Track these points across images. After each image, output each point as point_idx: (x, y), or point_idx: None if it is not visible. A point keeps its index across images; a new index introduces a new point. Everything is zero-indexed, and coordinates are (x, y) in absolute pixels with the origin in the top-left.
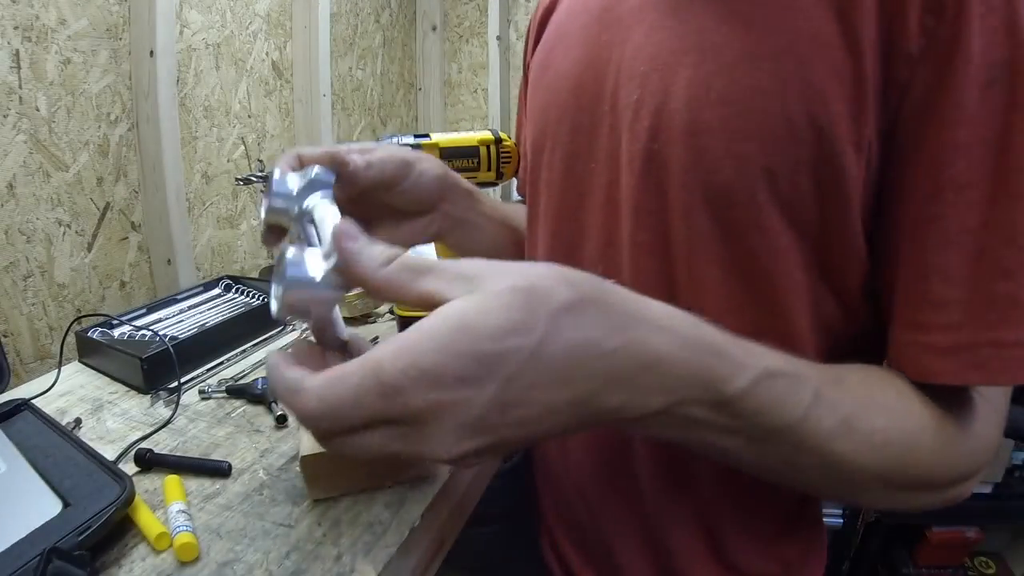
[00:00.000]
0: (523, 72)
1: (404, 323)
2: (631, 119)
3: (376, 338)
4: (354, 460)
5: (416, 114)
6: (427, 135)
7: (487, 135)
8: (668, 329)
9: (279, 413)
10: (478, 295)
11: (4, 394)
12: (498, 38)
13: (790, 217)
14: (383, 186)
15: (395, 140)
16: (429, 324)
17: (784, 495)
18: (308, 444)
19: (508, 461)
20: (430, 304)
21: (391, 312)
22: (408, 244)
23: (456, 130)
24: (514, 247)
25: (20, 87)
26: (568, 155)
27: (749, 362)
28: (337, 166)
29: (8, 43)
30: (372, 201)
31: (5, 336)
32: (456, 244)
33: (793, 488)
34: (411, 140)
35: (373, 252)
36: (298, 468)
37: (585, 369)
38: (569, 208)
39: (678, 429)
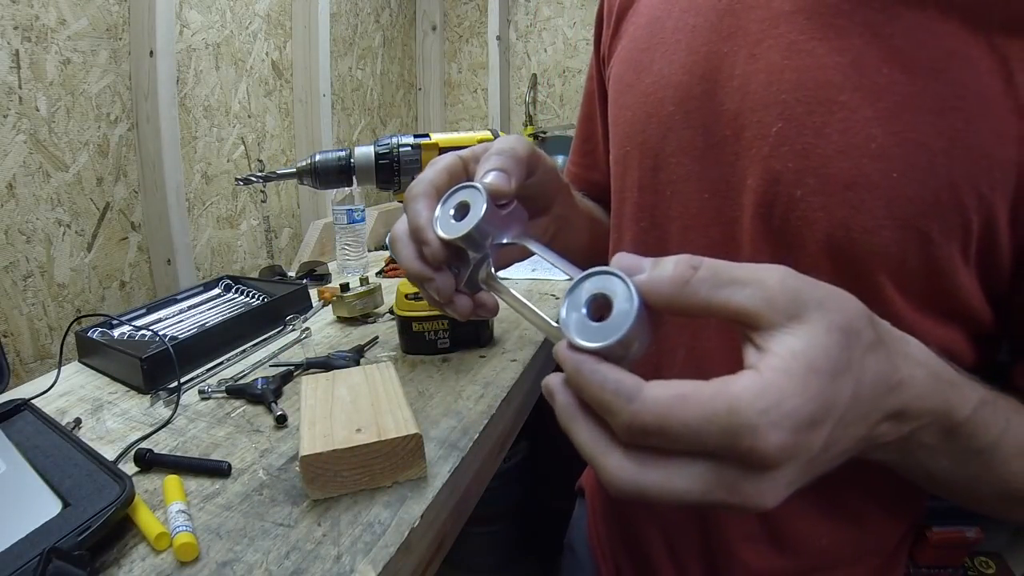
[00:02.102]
0: (596, 67)
1: (404, 323)
2: (766, 154)
3: (376, 338)
4: (352, 461)
5: (416, 114)
6: (427, 135)
7: (487, 135)
8: (924, 364)
9: (279, 413)
10: (811, 331)
11: (4, 394)
12: (498, 38)
13: (935, 283)
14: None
15: (395, 140)
16: (783, 365)
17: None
18: (308, 444)
19: (508, 461)
20: (734, 320)
21: (391, 312)
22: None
23: (456, 130)
24: (600, 242)
25: (20, 87)
26: (674, 179)
27: (970, 392)
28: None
29: (8, 43)
30: None
31: (5, 336)
32: (558, 245)
33: (962, 503)
34: (411, 140)
35: (668, 268)
36: (298, 468)
37: (878, 404)
38: (666, 236)
39: (905, 452)
